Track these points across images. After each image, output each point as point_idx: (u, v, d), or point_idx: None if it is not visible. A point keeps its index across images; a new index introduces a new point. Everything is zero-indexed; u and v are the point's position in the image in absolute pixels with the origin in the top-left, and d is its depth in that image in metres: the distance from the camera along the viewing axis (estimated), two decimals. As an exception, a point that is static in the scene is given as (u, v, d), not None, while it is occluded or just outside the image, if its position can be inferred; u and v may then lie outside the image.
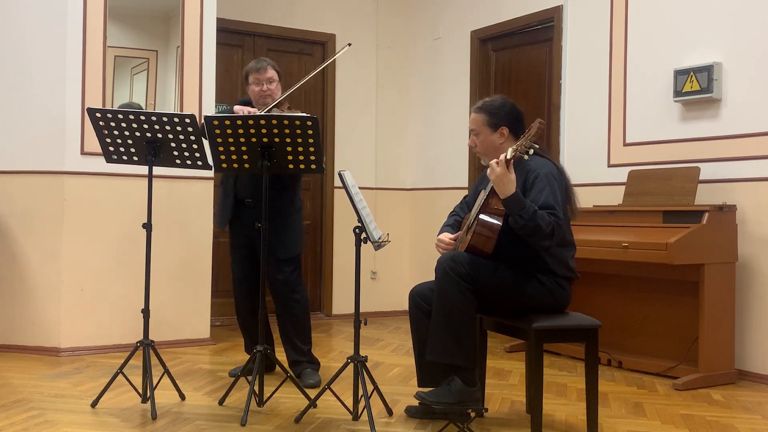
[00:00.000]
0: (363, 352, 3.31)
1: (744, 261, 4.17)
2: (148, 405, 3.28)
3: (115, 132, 3.34)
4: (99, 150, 3.56)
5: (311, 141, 3.21)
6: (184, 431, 3.02)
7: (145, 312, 3.39)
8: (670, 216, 4.12)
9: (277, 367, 3.55)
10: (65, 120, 4.55)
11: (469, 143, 3.25)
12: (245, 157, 3.28)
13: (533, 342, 2.94)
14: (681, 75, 4.44)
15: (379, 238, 3.20)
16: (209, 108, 4.93)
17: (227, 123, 3.18)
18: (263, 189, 3.30)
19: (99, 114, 3.30)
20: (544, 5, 5.43)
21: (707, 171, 4.28)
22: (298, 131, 3.18)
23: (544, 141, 5.36)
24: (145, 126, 3.29)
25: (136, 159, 3.43)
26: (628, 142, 4.83)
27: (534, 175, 2.98)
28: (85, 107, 4.28)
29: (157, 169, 3.59)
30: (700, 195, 4.23)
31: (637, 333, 4.37)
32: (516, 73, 5.82)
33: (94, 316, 4.58)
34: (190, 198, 4.88)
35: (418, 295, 3.21)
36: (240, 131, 3.19)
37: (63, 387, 3.71)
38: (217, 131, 3.21)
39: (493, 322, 3.21)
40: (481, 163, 3.30)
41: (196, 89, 4.91)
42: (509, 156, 2.84)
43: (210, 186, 4.94)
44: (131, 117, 3.28)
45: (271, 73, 3.93)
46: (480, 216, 2.99)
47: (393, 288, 6.52)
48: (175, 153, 3.37)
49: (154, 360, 3.35)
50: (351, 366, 3.17)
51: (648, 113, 4.71)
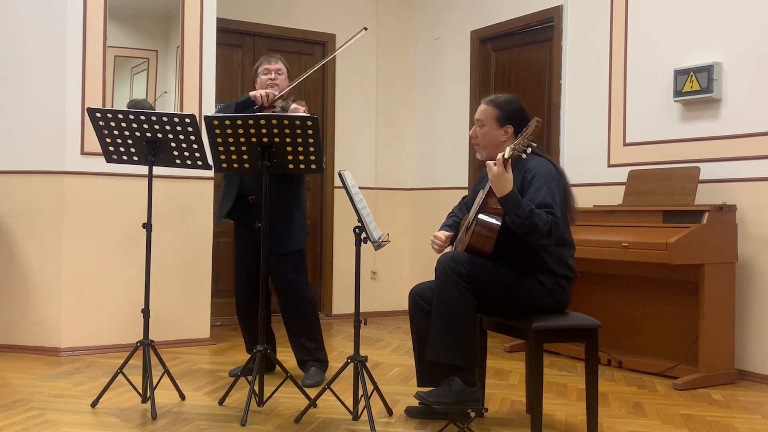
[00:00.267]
0: (363, 352, 3.32)
1: (744, 261, 4.17)
2: (148, 405, 3.28)
3: (115, 132, 3.34)
4: (99, 150, 3.56)
5: (311, 141, 3.21)
6: (184, 431, 3.02)
7: (145, 312, 3.39)
8: (670, 216, 4.12)
9: (277, 367, 3.55)
10: (65, 120, 4.55)
11: (471, 133, 3.25)
12: (245, 157, 3.28)
13: (533, 342, 2.94)
14: (681, 75, 4.44)
15: (379, 238, 3.20)
16: (209, 108, 4.94)
17: (227, 123, 3.18)
18: (263, 188, 3.30)
19: (99, 114, 3.30)
20: (544, 5, 5.43)
21: (707, 171, 4.29)
22: (298, 131, 3.18)
23: (544, 141, 5.36)
24: (145, 126, 3.29)
25: (136, 159, 3.43)
26: (628, 142, 4.83)
27: (532, 174, 2.99)
28: (85, 107, 4.28)
29: (157, 169, 3.59)
30: (700, 195, 4.23)
31: (637, 333, 4.37)
32: (516, 73, 5.82)
33: (94, 316, 4.58)
34: (190, 198, 4.88)
35: (418, 295, 3.21)
36: (240, 131, 3.19)
37: (63, 387, 3.71)
38: (217, 131, 3.21)
39: (493, 322, 3.21)
40: (477, 157, 3.30)
41: (196, 89, 4.91)
42: (507, 155, 2.84)
43: (210, 186, 4.94)
44: (131, 117, 3.28)
45: (281, 65, 4.03)
46: (479, 216, 2.99)
47: (393, 288, 6.52)
48: (175, 153, 3.37)
49: (154, 360, 3.35)
50: (351, 366, 3.17)
51: (648, 113, 4.71)
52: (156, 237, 3.94)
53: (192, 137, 3.32)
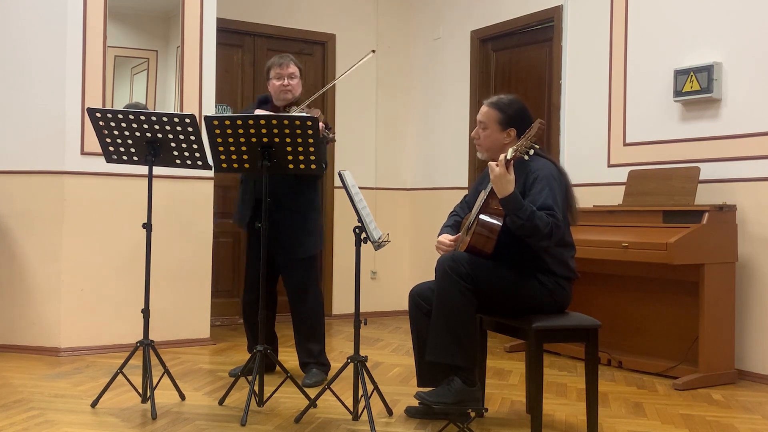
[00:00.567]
0: (363, 352, 3.31)
1: (744, 261, 4.17)
2: (148, 405, 3.28)
3: (115, 132, 3.34)
4: (99, 150, 3.56)
5: (311, 141, 3.21)
6: (184, 431, 3.02)
7: (145, 312, 3.39)
8: (670, 216, 4.12)
9: (277, 367, 3.55)
10: (65, 120, 4.55)
11: (473, 134, 3.25)
12: (245, 157, 3.28)
13: (533, 342, 2.94)
14: (681, 75, 4.44)
15: (379, 238, 3.20)
16: (209, 108, 4.94)
17: (227, 123, 3.18)
18: (263, 188, 3.30)
19: (99, 114, 3.30)
20: (544, 5, 5.43)
21: (707, 171, 4.29)
22: (298, 131, 3.18)
23: (544, 141, 5.36)
24: (145, 126, 3.29)
25: (136, 159, 3.43)
26: (628, 142, 4.83)
27: (534, 176, 2.99)
28: (85, 107, 4.28)
29: (157, 169, 3.59)
30: (700, 195, 4.23)
31: (637, 333, 4.37)
32: (516, 73, 5.82)
33: (94, 316, 4.58)
34: (190, 198, 4.88)
35: (418, 295, 3.21)
36: (240, 131, 3.19)
37: (63, 387, 3.71)
38: (217, 131, 3.21)
39: (493, 322, 3.21)
40: (477, 156, 3.30)
41: (196, 89, 4.91)
42: (509, 156, 2.84)
43: (210, 186, 4.95)
44: (131, 117, 3.28)
45: (293, 69, 3.94)
46: (480, 216, 2.99)
47: (393, 288, 6.52)
48: (175, 153, 3.37)
49: (154, 360, 3.35)
50: (351, 366, 3.17)
51: (648, 113, 4.71)
52: (156, 237, 3.93)
53: (192, 137, 3.32)
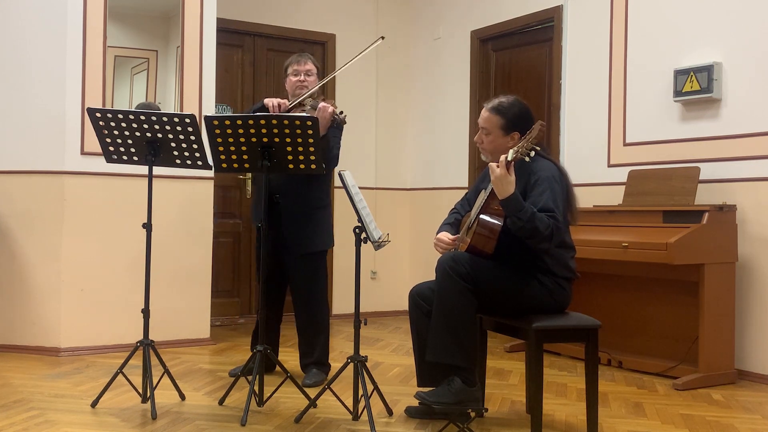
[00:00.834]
0: (363, 352, 3.31)
1: (744, 261, 4.17)
2: (148, 405, 3.28)
3: (115, 132, 3.34)
4: (99, 150, 3.56)
5: (311, 141, 3.21)
6: (184, 431, 3.02)
7: (145, 312, 3.38)
8: (670, 216, 4.12)
9: (277, 366, 3.55)
10: (65, 120, 4.55)
11: (476, 139, 3.23)
12: (245, 157, 3.28)
13: (533, 342, 2.94)
14: (681, 75, 4.44)
15: (379, 238, 3.20)
16: (209, 108, 4.94)
17: (227, 123, 3.18)
18: (264, 187, 3.31)
19: (99, 114, 3.30)
20: (544, 5, 5.43)
21: (707, 171, 4.28)
22: (298, 131, 3.18)
23: (544, 141, 5.34)
24: (145, 126, 3.29)
25: (136, 159, 3.43)
26: (628, 142, 4.83)
27: (536, 177, 2.99)
28: (85, 107, 4.28)
29: (157, 169, 3.59)
30: (700, 195, 4.23)
31: (637, 333, 4.37)
32: (516, 73, 5.82)
33: (94, 316, 4.58)
34: (190, 198, 4.88)
35: (418, 295, 3.21)
36: (240, 131, 3.19)
37: (63, 387, 3.71)
38: (217, 131, 3.21)
39: (493, 322, 3.21)
40: (481, 158, 3.30)
41: (196, 89, 4.91)
42: (510, 158, 2.84)
43: (210, 186, 4.95)
44: (131, 117, 3.28)
45: (311, 66, 4.01)
46: (480, 216, 2.99)
47: (393, 288, 6.52)
48: (175, 153, 3.37)
49: (154, 360, 3.35)
50: (351, 366, 3.17)
51: (648, 113, 4.71)
52: (156, 237, 3.93)
53: (192, 137, 3.32)
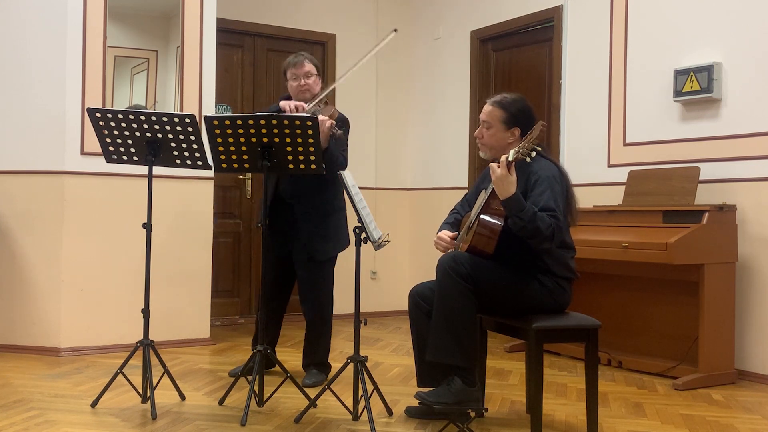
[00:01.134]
0: (363, 352, 3.31)
1: (744, 261, 4.17)
2: (148, 405, 3.28)
3: (115, 132, 3.34)
4: (99, 150, 3.56)
5: (311, 141, 3.21)
6: (184, 431, 3.02)
7: (145, 312, 3.39)
8: (670, 216, 4.12)
9: (277, 366, 3.54)
10: (65, 120, 4.55)
11: (476, 133, 3.23)
12: (245, 157, 3.29)
13: (533, 342, 2.94)
14: (681, 75, 4.44)
15: (379, 238, 3.20)
16: (209, 108, 4.93)
17: (227, 123, 3.18)
18: (264, 186, 3.31)
19: (99, 114, 3.30)
20: (544, 5, 5.43)
21: (707, 171, 4.28)
22: (298, 131, 3.19)
23: (544, 141, 5.35)
24: (145, 126, 3.29)
25: (136, 159, 3.43)
26: (628, 142, 4.83)
27: (536, 178, 2.99)
28: (85, 107, 4.28)
29: (157, 169, 3.59)
30: (700, 195, 4.23)
31: (637, 333, 4.37)
32: (516, 73, 5.82)
33: (94, 316, 4.58)
34: (190, 198, 4.88)
35: (418, 295, 3.21)
36: (240, 131, 3.19)
37: (63, 387, 3.71)
38: (217, 131, 3.21)
39: (493, 322, 3.21)
40: (480, 155, 3.29)
41: (196, 89, 4.91)
42: (511, 158, 2.84)
43: (210, 186, 4.94)
44: (131, 117, 3.28)
45: (309, 67, 3.89)
46: (481, 216, 2.99)
47: (393, 288, 6.52)
48: (175, 153, 3.37)
49: (154, 360, 3.35)
50: (351, 366, 3.17)
51: (648, 113, 4.71)
52: (156, 237, 3.93)
53: (192, 137, 3.32)
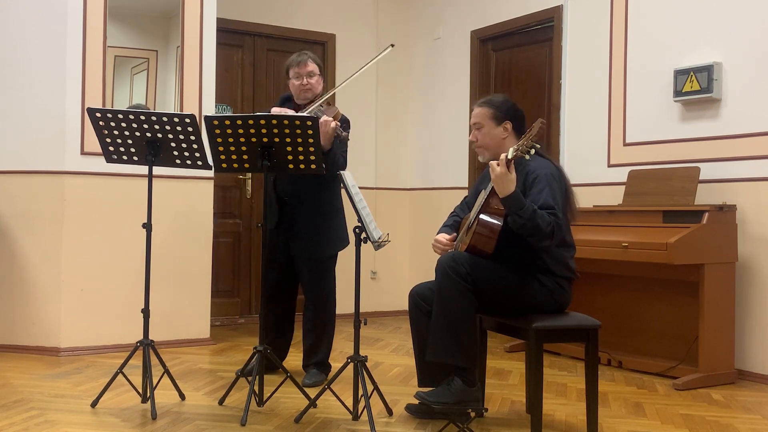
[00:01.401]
0: (363, 352, 3.32)
1: (744, 261, 4.17)
2: (148, 405, 3.28)
3: (115, 132, 3.34)
4: (99, 150, 3.56)
5: (311, 141, 3.21)
6: (184, 431, 3.02)
7: (145, 312, 3.38)
8: (670, 216, 4.12)
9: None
10: (65, 120, 4.55)
11: (471, 137, 3.25)
12: (245, 157, 3.28)
13: (533, 342, 2.94)
14: (681, 75, 4.44)
15: (379, 238, 3.20)
16: (209, 108, 4.94)
17: (227, 123, 3.18)
18: (265, 186, 3.31)
19: (99, 114, 3.30)
20: (544, 5, 5.43)
21: (707, 171, 4.28)
22: (298, 131, 3.18)
23: (544, 141, 5.35)
24: (145, 126, 3.29)
25: (136, 159, 3.43)
26: (628, 142, 4.83)
27: (534, 176, 2.99)
28: (85, 107, 4.28)
29: (157, 169, 3.59)
30: (700, 195, 4.23)
31: (637, 333, 4.37)
32: (516, 73, 5.82)
33: (94, 316, 4.58)
34: (190, 198, 4.88)
35: (417, 295, 3.21)
36: (240, 131, 3.19)
37: (63, 387, 3.71)
38: (217, 131, 3.21)
39: (493, 322, 3.21)
40: (479, 160, 3.30)
41: (196, 89, 4.91)
42: (510, 156, 2.84)
43: (210, 186, 4.95)
44: (131, 117, 3.28)
45: (312, 67, 3.90)
46: (480, 216, 2.99)
47: (393, 288, 6.52)
48: (175, 153, 3.37)
49: (154, 360, 3.35)
50: (351, 366, 3.17)
51: (648, 113, 4.71)
52: (156, 237, 3.93)
53: (192, 137, 3.32)
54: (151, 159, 3.34)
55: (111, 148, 3.40)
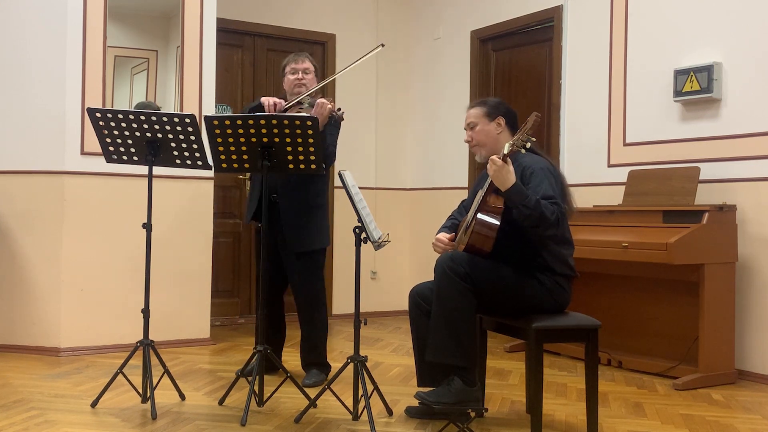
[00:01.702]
0: (363, 352, 3.31)
1: (744, 261, 4.17)
2: (148, 405, 3.28)
3: (115, 132, 3.34)
4: (99, 150, 3.56)
5: (311, 141, 3.21)
6: (184, 431, 3.02)
7: (145, 312, 3.38)
8: (670, 216, 4.12)
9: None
10: (65, 120, 4.55)
11: (465, 139, 3.29)
12: (245, 157, 3.28)
13: (533, 342, 2.94)
14: (681, 75, 4.44)
15: (379, 238, 3.20)
16: (209, 108, 4.94)
17: (227, 123, 3.18)
18: (263, 186, 3.31)
19: (99, 114, 3.30)
20: (544, 5, 5.43)
21: (707, 171, 4.28)
22: (298, 131, 3.18)
23: (544, 141, 5.36)
24: (145, 126, 3.29)
25: (136, 159, 3.43)
26: (628, 142, 4.83)
27: (530, 171, 3.00)
28: (85, 107, 4.28)
29: (157, 169, 3.59)
30: (700, 195, 4.23)
31: (637, 333, 4.37)
32: (516, 73, 5.82)
33: (94, 316, 4.58)
34: (190, 198, 4.88)
35: (417, 295, 3.21)
36: (240, 131, 3.19)
37: (63, 387, 3.71)
38: (217, 131, 3.21)
39: (493, 322, 3.21)
40: (476, 160, 3.32)
41: (196, 89, 4.91)
42: (506, 151, 2.85)
43: (210, 186, 4.95)
44: (131, 117, 3.28)
45: (308, 64, 4.00)
46: (478, 215, 2.98)
47: (393, 288, 6.52)
48: (175, 153, 3.37)
49: (154, 360, 3.35)
50: (351, 366, 3.17)
51: (648, 113, 4.71)
52: (156, 237, 3.93)
53: (192, 137, 3.32)
54: (151, 159, 3.34)
55: (111, 148, 3.40)
